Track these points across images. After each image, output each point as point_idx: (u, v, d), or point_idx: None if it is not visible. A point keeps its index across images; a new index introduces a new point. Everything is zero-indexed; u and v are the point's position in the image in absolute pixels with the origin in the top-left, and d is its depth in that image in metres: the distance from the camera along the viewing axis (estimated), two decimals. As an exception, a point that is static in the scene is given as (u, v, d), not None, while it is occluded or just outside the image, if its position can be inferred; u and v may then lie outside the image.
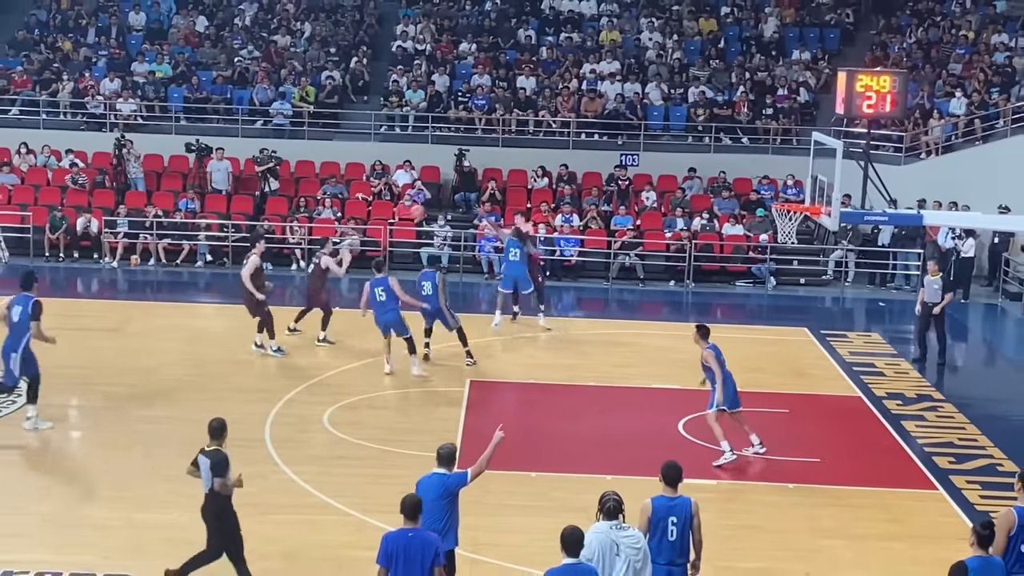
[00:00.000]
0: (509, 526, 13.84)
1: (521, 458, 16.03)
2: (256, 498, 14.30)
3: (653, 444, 17.17)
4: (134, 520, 13.63)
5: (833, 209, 17.54)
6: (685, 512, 10.32)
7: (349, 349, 20.63)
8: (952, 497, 15.23)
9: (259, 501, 14.23)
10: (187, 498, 14.16)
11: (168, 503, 14.05)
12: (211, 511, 11.75)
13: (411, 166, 30.70)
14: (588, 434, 17.29)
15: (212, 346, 20.83)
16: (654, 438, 17.29)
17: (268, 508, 14.03)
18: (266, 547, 13.09)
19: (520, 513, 14.25)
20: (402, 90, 32.49)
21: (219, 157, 30.10)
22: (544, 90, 32.75)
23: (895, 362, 21.77)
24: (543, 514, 13.86)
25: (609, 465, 16.03)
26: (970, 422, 18.29)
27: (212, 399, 17.75)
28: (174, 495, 14.19)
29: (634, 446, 17.10)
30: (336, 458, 15.71)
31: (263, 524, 13.61)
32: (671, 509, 10.30)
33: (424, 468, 15.33)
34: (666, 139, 32.34)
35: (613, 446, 17.04)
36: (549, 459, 16.16)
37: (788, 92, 32.79)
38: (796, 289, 28.49)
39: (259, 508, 14.02)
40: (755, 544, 13.60)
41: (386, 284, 19.00)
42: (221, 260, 28.18)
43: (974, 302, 27.05)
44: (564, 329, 22.75)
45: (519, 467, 15.64)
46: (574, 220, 28.87)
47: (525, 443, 16.71)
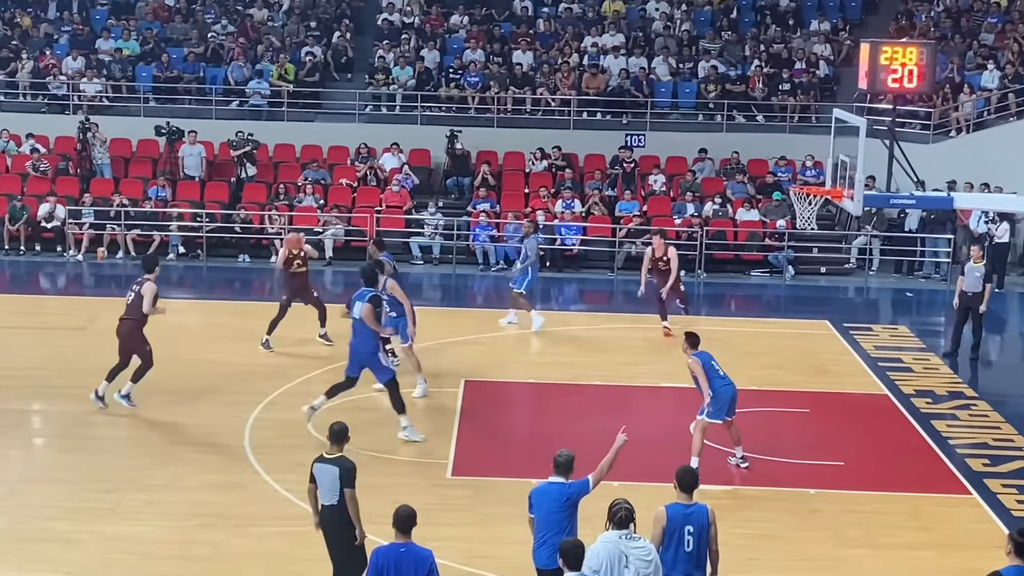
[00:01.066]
0: (507, 537, 13.82)
1: (520, 463, 16.04)
2: (235, 509, 14.33)
3: (664, 447, 17.16)
4: (103, 534, 13.62)
5: (856, 192, 17.53)
6: (702, 520, 10.32)
7: (335, 348, 20.62)
8: (986, 502, 15.23)
9: (238, 512, 14.25)
10: (162, 509, 14.21)
11: (140, 515, 14.05)
12: (336, 527, 11.36)
13: (399, 149, 30.68)
14: (592, 437, 17.18)
15: (186, 345, 20.82)
16: (665, 441, 17.28)
17: (248, 519, 14.03)
18: (247, 561, 13.11)
19: (519, 523, 14.16)
20: (388, 67, 32.47)
21: (191, 141, 30.07)
22: (542, 66, 32.72)
23: (924, 357, 21.78)
24: (545, 524, 13.84)
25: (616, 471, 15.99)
26: (1006, 421, 18.29)
27: (186, 402, 17.75)
28: (148, 506, 14.20)
29: (643, 450, 17.05)
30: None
31: (243, 537, 13.63)
32: (687, 517, 10.31)
33: (417, 476, 15.48)
34: (674, 118, 32.31)
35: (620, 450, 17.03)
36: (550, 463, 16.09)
37: (806, 66, 32.77)
38: (816, 279, 28.49)
39: (238, 520, 14.05)
40: (773, 554, 13.62)
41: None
42: (195, 252, 28.17)
43: (1009, 291, 27.06)
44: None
45: (518, 473, 15.59)
46: (576, 206, 28.87)
47: (524, 447, 16.73)
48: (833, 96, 31.68)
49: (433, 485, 15.18)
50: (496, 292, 27.15)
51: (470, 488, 15.22)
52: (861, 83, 18.46)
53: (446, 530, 13.40)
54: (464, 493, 15.05)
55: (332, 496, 11.31)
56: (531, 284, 22.45)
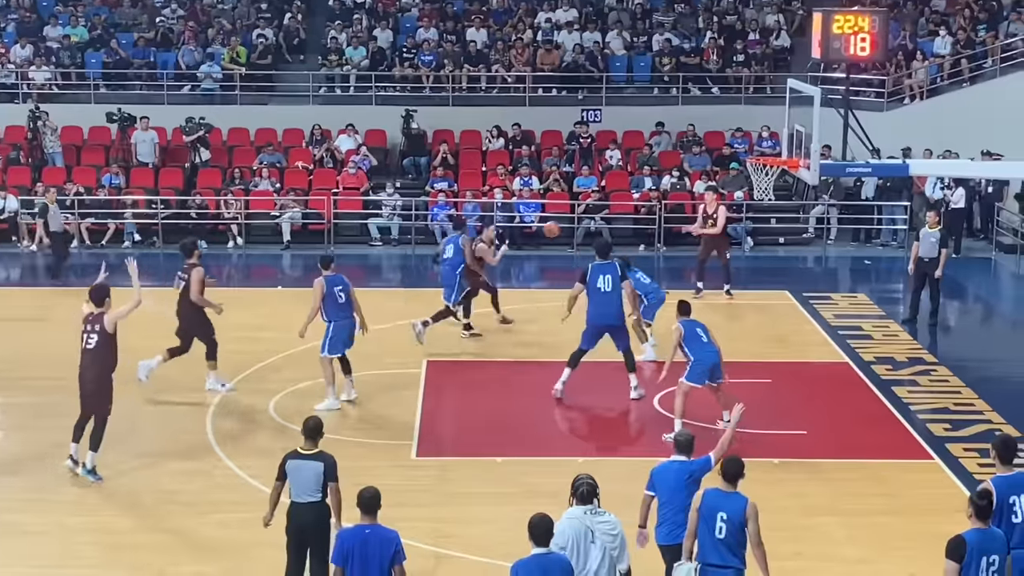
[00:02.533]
0: (474, 516, 13.88)
1: (485, 442, 16.10)
2: (199, 496, 14.31)
3: (627, 422, 17.28)
4: (68, 525, 13.57)
5: (812, 162, 17.61)
6: (738, 509, 10.21)
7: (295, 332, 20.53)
8: (949, 467, 15.39)
9: (202, 499, 14.23)
10: (126, 499, 14.17)
11: (100, 506, 14.01)
12: (318, 523, 11.19)
13: (354, 130, 30.58)
14: (556, 414, 17.35)
15: (143, 333, 20.68)
16: (628, 415, 17.38)
17: (212, 506, 14.02)
18: (211, 548, 13.09)
19: (485, 501, 14.30)
20: (341, 48, 32.33)
21: (144, 127, 29.86)
22: (496, 43, 32.68)
23: (884, 324, 21.94)
24: (510, 502, 13.93)
25: (580, 446, 16.11)
26: (966, 386, 18.46)
27: (147, 391, 17.66)
28: (109, 497, 14.15)
29: (607, 425, 17.18)
30: (284, 450, 15.48)
31: (207, 524, 13.61)
32: (721, 503, 10.22)
33: (382, 458, 15.48)
34: (630, 92, 32.34)
35: (584, 426, 17.12)
36: (515, 442, 16.21)
37: (760, 37, 32.86)
38: (775, 249, 28.63)
39: (202, 507, 14.02)
40: (740, 525, 13.69)
41: (344, 282, 17.13)
42: (151, 239, 28.00)
43: (966, 256, 27.26)
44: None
45: (483, 452, 15.70)
46: (533, 183, 28.87)
47: (489, 426, 16.76)
48: (788, 66, 31.77)
49: (398, 467, 15.20)
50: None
51: (435, 468, 15.25)
52: (815, 53, 18.53)
53: (412, 511, 13.40)
54: (430, 474, 15.08)
55: (315, 492, 11.17)
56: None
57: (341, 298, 16.94)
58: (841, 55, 17.93)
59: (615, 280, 17.24)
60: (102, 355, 14.55)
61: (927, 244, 21.45)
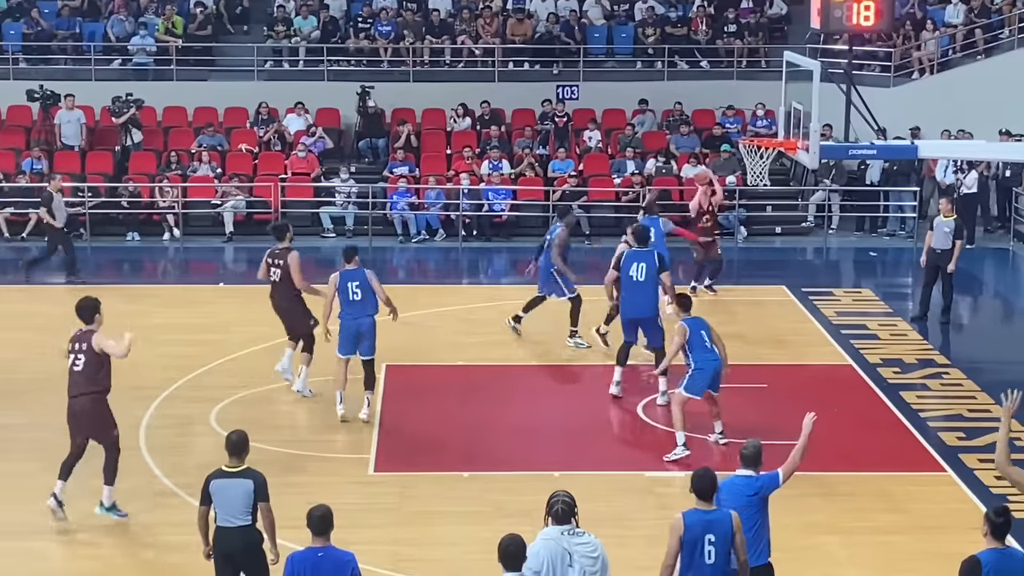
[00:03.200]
0: (438, 537, 13.88)
1: (450, 455, 16.09)
2: (132, 517, 14.24)
3: (609, 432, 17.30)
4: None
5: (811, 143, 17.68)
6: (725, 528, 10.21)
7: (239, 333, 20.54)
8: (962, 479, 15.45)
9: (135, 520, 14.17)
10: (50, 520, 14.09)
11: (33, 528, 13.94)
12: (249, 549, 11.06)
13: (304, 109, 30.54)
14: (530, 424, 17.35)
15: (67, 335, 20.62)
16: (610, 425, 17.40)
17: (147, 528, 13.98)
18: (148, 572, 13.04)
19: (450, 521, 14.30)
20: (289, 17, 32.27)
21: (69, 106, 29.74)
22: (461, 11, 32.66)
23: (891, 322, 22.03)
24: (478, 521, 13.92)
25: (557, 459, 16.11)
26: (981, 390, 18.53)
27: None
28: (35, 517, 14.07)
29: (586, 435, 17.18)
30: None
31: (144, 548, 13.58)
32: (708, 525, 10.18)
33: (336, 473, 15.46)
34: (610, 66, 32.39)
35: (560, 436, 17.12)
36: (484, 455, 16.21)
37: (753, 4, 32.95)
38: (772, 240, 28.72)
39: (135, 528, 13.97)
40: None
41: (363, 277, 16.92)
42: (77, 231, 27.87)
43: (980, 247, 27.40)
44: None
45: (448, 467, 15.69)
46: (504, 167, 28.88)
47: (455, 437, 16.76)
48: (784, 38, 31.88)
49: (354, 483, 15.18)
50: (418, 265, 27.19)
51: (395, 485, 15.24)
52: (814, 22, 18.62)
53: (369, 532, 13.41)
54: (389, 490, 15.07)
55: (244, 515, 11.07)
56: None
57: (356, 295, 16.79)
58: (843, 25, 18.02)
59: (650, 270, 17.29)
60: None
61: (940, 234, 21.51)
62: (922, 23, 31.26)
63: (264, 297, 18.13)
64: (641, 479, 15.46)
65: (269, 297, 17.78)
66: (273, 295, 17.72)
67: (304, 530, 10.13)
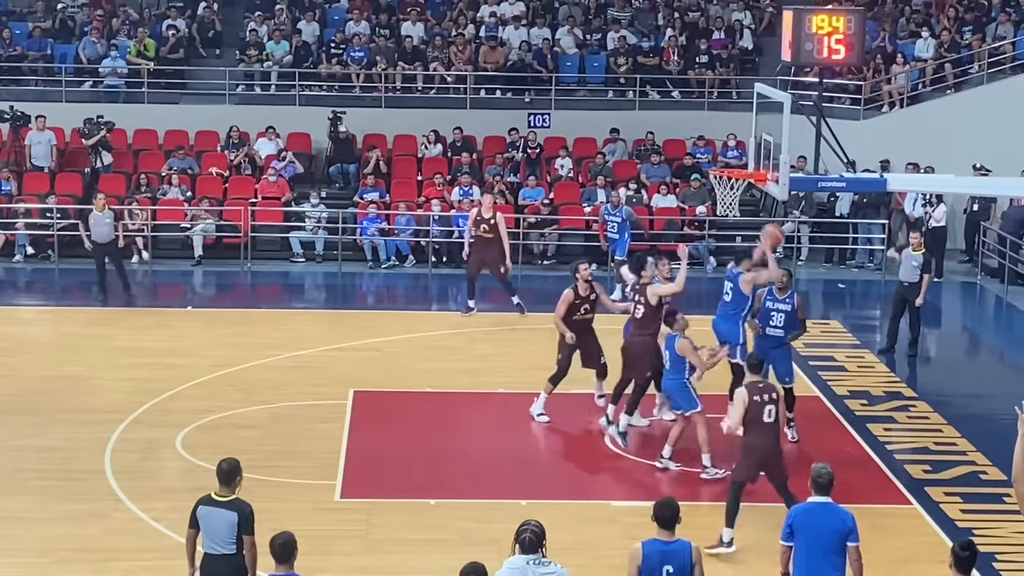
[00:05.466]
0: (403, 565, 13.84)
1: (417, 482, 16.04)
2: (96, 542, 14.16)
3: (576, 460, 17.26)
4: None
5: (781, 175, 17.72)
6: (684, 560, 10.19)
7: (206, 358, 20.46)
8: (928, 512, 15.49)
9: (100, 546, 14.09)
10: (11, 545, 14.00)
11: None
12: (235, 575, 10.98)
13: (275, 133, 30.50)
14: (497, 451, 17.31)
15: (35, 358, 20.54)
16: (578, 453, 17.36)
17: (112, 553, 13.88)
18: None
19: (417, 549, 14.25)
20: (261, 41, 32.25)
21: (39, 127, 29.64)
22: (434, 38, 32.70)
23: (858, 354, 22.09)
24: (444, 549, 13.87)
25: (524, 488, 16.07)
26: (947, 423, 18.58)
27: (38, 423, 17.50)
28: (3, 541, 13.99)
29: (554, 463, 17.16)
30: (193, 490, 15.35)
31: (108, 572, 13.47)
32: (666, 556, 10.17)
33: (301, 499, 15.40)
34: (582, 95, 32.47)
35: (528, 464, 17.09)
36: (451, 483, 16.17)
37: (725, 36, 33.09)
38: (740, 270, 28.73)
39: (100, 554, 13.89)
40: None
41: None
42: (45, 252, 27.75)
43: (949, 280, 27.52)
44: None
45: (415, 494, 15.63)
46: (474, 194, 28.88)
47: (422, 464, 16.71)
48: (755, 69, 32.02)
49: (320, 509, 15.12)
50: (387, 291, 27.14)
51: (361, 512, 15.18)
52: (785, 55, 18.65)
53: (334, 559, 13.36)
54: (355, 517, 15.01)
55: (228, 544, 10.95)
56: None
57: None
58: (813, 57, 18.06)
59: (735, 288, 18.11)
60: (650, 319, 17.48)
61: (908, 268, 21.64)
62: (892, 57, 31.44)
63: (232, 320, 18.12)
64: (608, 508, 15.46)
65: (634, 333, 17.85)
66: (635, 331, 17.80)
67: (266, 557, 10.08)
